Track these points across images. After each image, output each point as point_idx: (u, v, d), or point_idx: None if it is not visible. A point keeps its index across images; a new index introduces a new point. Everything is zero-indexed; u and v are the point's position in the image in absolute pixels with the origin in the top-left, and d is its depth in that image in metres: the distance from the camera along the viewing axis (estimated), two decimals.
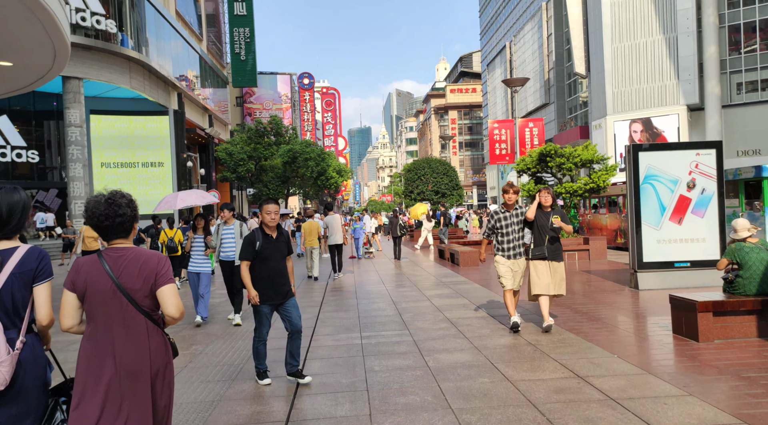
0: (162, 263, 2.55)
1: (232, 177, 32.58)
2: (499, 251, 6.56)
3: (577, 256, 13.49)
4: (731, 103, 48.81)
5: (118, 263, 2.49)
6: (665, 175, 8.29)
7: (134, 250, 2.56)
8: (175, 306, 2.51)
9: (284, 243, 4.91)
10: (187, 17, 39.29)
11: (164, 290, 2.51)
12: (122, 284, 2.46)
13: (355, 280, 12.07)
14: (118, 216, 2.53)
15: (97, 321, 2.47)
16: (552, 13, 66.22)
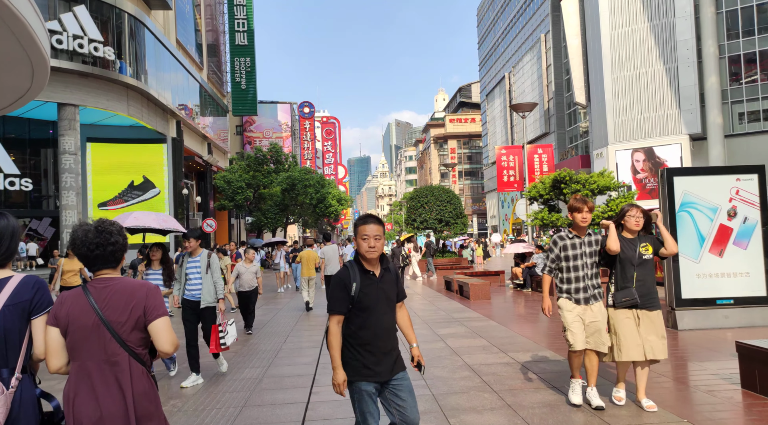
0: (152, 294, 2.37)
1: (229, 206, 31.83)
2: (565, 292, 4.95)
3: None
4: (733, 132, 48.64)
5: (104, 294, 2.32)
6: (703, 202, 7.51)
7: (121, 280, 2.38)
8: (169, 341, 2.33)
9: (393, 283, 3.25)
10: (188, 46, 39.19)
11: (156, 325, 2.32)
12: (106, 318, 2.27)
13: None
14: (110, 245, 2.39)
15: (79, 359, 2.28)
16: (551, 44, 66.78)
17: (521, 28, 77.38)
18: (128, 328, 2.30)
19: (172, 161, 33.13)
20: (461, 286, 13.86)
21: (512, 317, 10.03)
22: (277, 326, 9.98)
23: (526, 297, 12.99)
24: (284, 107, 57.99)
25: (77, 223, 2.48)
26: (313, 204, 33.67)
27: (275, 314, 11.63)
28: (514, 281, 14.51)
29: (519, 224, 78.30)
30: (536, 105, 15.81)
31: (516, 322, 9.37)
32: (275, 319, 10.87)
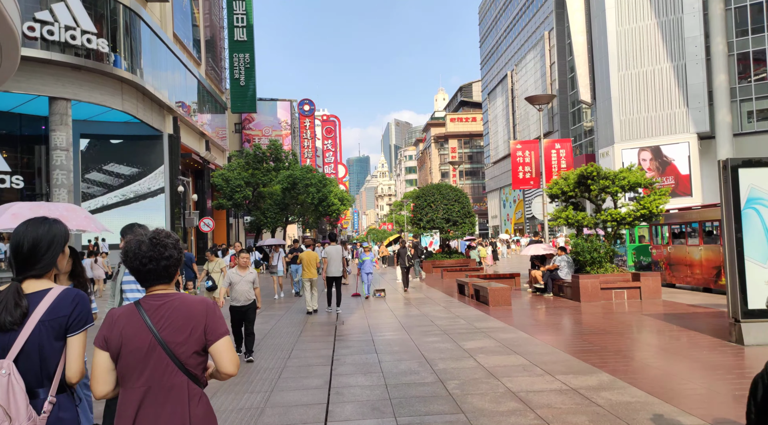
0: (211, 310, 2.17)
1: (228, 204, 30.76)
2: None
3: (626, 295, 11.57)
4: (742, 131, 47.70)
5: (160, 312, 2.12)
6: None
7: (178, 297, 2.19)
8: (234, 362, 2.15)
9: None
10: (186, 41, 38.14)
11: (219, 346, 2.13)
12: (164, 338, 2.08)
13: (368, 323, 10.09)
14: (164, 259, 2.20)
15: (132, 385, 2.08)
16: (555, 42, 65.79)
17: (524, 25, 76.39)
18: (188, 350, 2.12)
19: (169, 159, 32.07)
20: (477, 290, 12.81)
21: (542, 327, 8.99)
22: (279, 337, 8.93)
23: (549, 303, 11.96)
24: (284, 104, 56.93)
25: (132, 234, 2.27)
26: (314, 203, 32.61)
27: (276, 323, 10.57)
28: (535, 285, 13.47)
29: (521, 224, 77.32)
30: (554, 97, 14.81)
31: (549, 333, 8.32)
32: (276, 329, 9.82)
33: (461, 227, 23.36)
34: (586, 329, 8.55)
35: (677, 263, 14.11)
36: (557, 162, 16.12)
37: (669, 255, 14.45)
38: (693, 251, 13.39)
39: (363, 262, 15.26)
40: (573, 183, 12.26)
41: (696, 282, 13.49)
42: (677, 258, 14.10)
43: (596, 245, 11.72)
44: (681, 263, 13.94)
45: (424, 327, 9.22)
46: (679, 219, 14.06)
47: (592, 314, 10.05)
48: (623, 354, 6.68)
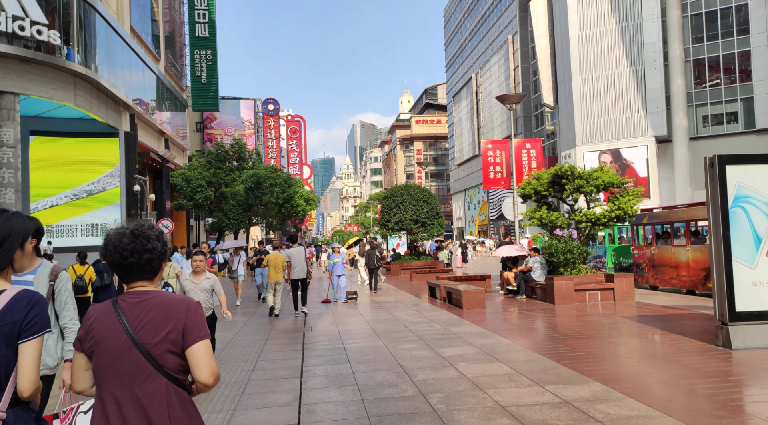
0: (193, 311, 2.01)
1: (188, 205, 29.64)
2: None
3: (599, 296, 11.41)
4: (698, 135, 49.26)
5: (137, 311, 1.97)
6: (762, 196, 6.30)
7: (158, 295, 2.03)
8: (209, 370, 1.95)
9: None
10: (144, 36, 36.72)
11: (195, 349, 1.95)
12: (140, 339, 1.93)
13: (338, 329, 9.56)
14: (146, 251, 2.04)
15: (107, 388, 1.95)
16: (519, 46, 66.63)
17: (489, 29, 77.17)
18: (164, 350, 1.95)
19: (125, 157, 30.70)
20: (450, 293, 12.44)
21: (521, 331, 8.65)
22: (242, 346, 8.31)
23: (523, 305, 11.69)
24: (247, 103, 55.67)
25: (112, 227, 2.16)
26: (279, 204, 31.77)
27: (238, 330, 9.91)
28: (507, 287, 13.20)
29: (486, 225, 77.95)
30: (524, 96, 14.61)
31: (529, 338, 7.98)
32: (239, 337, 9.17)
33: (430, 228, 23.05)
34: (566, 333, 8.26)
35: (662, 264, 13.55)
36: (527, 162, 15.91)
37: (653, 256, 13.90)
38: (679, 252, 12.86)
39: (334, 264, 14.35)
40: (546, 183, 12.04)
41: (682, 284, 12.93)
42: (662, 260, 13.55)
43: (570, 245, 11.52)
44: (666, 264, 13.38)
45: (398, 333, 8.75)
46: (664, 219, 13.49)
47: (569, 316, 9.81)
48: (610, 360, 6.38)
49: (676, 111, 49.14)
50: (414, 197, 23.06)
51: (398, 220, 22.87)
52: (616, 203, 11.31)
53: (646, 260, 14.10)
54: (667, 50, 49.61)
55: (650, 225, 13.95)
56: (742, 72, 48.06)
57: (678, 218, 12.95)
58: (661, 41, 49.75)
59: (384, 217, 23.43)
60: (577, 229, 12.31)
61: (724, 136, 47.76)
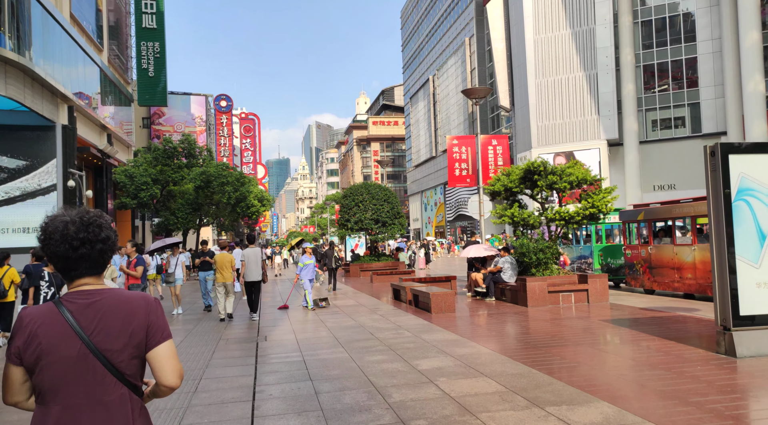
0: (154, 309, 1.83)
1: (132, 204, 27.75)
2: None
3: (573, 298, 10.85)
4: (647, 139, 50.62)
5: (91, 313, 1.75)
6: (767, 189, 5.75)
7: (112, 293, 1.82)
8: (175, 372, 1.80)
9: None
10: (85, 24, 34.44)
11: (160, 351, 1.79)
12: (97, 346, 1.73)
13: (297, 338, 8.54)
14: (100, 241, 1.83)
15: (56, 401, 1.72)
16: (476, 48, 66.94)
17: (446, 31, 77.36)
18: (126, 357, 1.76)
19: (63, 152, 28.53)
20: (416, 296, 11.62)
21: (500, 338, 7.88)
22: (184, 360, 7.21)
23: (494, 309, 10.99)
24: (198, 99, 53.47)
25: (49, 214, 1.85)
26: (231, 204, 30.23)
27: (181, 341, 8.75)
28: (475, 289, 12.49)
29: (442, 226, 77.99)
30: (491, 91, 13.99)
31: (511, 346, 7.21)
32: (181, 350, 8.01)
33: (390, 228, 22.24)
34: (550, 339, 7.55)
35: (661, 266, 12.10)
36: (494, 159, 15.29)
37: (650, 257, 12.42)
38: (683, 252, 11.45)
39: (304, 266, 12.79)
40: (517, 179, 11.41)
41: (686, 288, 11.52)
42: (661, 260, 12.09)
43: (542, 245, 10.92)
44: (666, 266, 11.96)
45: (365, 342, 7.83)
46: (665, 214, 11.96)
47: (547, 320, 9.15)
48: (608, 372, 5.67)
49: (627, 115, 50.34)
50: (374, 196, 22.21)
51: (358, 220, 21.95)
52: (590, 200, 10.78)
53: (641, 261, 12.78)
54: (618, 55, 50.80)
55: (646, 222, 12.61)
56: (689, 78, 49.65)
57: (682, 214, 11.58)
58: (613, 46, 50.91)
59: (343, 217, 22.45)
60: (548, 227, 11.74)
61: (672, 140, 49.22)
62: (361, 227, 22.06)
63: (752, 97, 40.53)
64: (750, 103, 40.73)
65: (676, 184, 48.88)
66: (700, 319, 8.68)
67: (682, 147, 48.15)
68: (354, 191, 22.70)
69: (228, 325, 10.55)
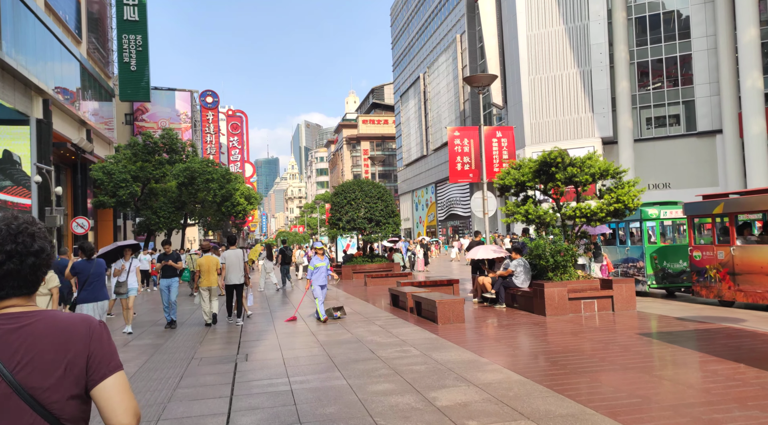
0: (98, 335, 1.49)
1: (110, 202, 26.20)
2: None
3: (596, 305, 9.65)
4: (642, 137, 49.88)
5: (15, 341, 1.42)
6: None
7: (44, 315, 1.48)
8: (128, 411, 1.45)
9: None
10: (62, 13, 32.78)
11: (108, 386, 1.45)
12: (22, 383, 1.39)
13: (282, 356, 7.23)
14: (32, 254, 1.51)
15: None
16: (467, 45, 65.91)
17: (436, 28, 76.28)
18: (62, 396, 1.41)
19: (37, 148, 26.93)
20: (419, 303, 10.35)
21: (528, 359, 6.53)
22: (143, 390, 5.85)
23: (509, 318, 9.75)
24: (183, 95, 51.83)
25: None
26: (216, 202, 28.75)
27: (144, 363, 7.35)
28: (484, 295, 11.24)
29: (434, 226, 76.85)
30: (496, 77, 12.81)
31: (546, 372, 5.88)
32: (142, 375, 6.62)
33: (384, 227, 20.97)
34: (588, 361, 6.27)
35: (750, 271, 9.65)
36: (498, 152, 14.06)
37: (731, 260, 10.00)
38: None
39: (315, 269, 10.77)
40: (531, 172, 10.18)
41: None
42: (750, 264, 9.63)
43: (561, 246, 9.69)
44: (758, 271, 9.54)
45: (365, 364, 6.54)
46: (756, 206, 9.52)
47: (574, 334, 7.90)
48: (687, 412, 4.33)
49: (621, 112, 49.59)
50: (367, 194, 20.93)
51: (350, 218, 20.65)
52: (614, 194, 9.56)
53: (717, 265, 10.38)
54: (612, 52, 50.03)
55: (729, 216, 10.17)
56: (684, 75, 48.96)
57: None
58: (607, 43, 50.14)
59: (334, 215, 21.13)
60: (563, 225, 10.53)
61: (666, 138, 48.51)
62: (354, 226, 20.76)
63: (750, 93, 39.82)
64: (748, 101, 40.01)
65: (671, 183, 48.20)
66: (756, 333, 7.49)
67: (677, 145, 47.46)
68: (346, 189, 21.40)
69: (204, 337, 9.21)
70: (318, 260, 10.85)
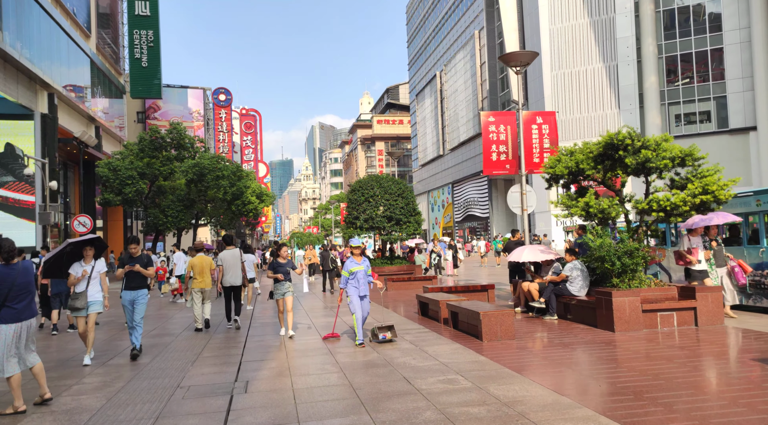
0: None
1: (115, 200, 24.89)
2: None
3: (675, 319, 7.91)
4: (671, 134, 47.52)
5: None
6: None
7: None
8: None
9: None
10: (70, 6, 31.72)
11: None
12: None
13: (292, 387, 5.62)
14: None
15: None
16: (485, 41, 64.07)
17: (454, 24, 74.52)
18: None
19: (42, 144, 25.77)
20: (455, 313, 8.68)
21: (625, 396, 4.78)
22: None
23: (564, 332, 8.04)
24: (196, 92, 50.76)
25: None
26: (227, 200, 27.33)
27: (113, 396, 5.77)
28: (531, 304, 9.52)
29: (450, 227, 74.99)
30: (536, 54, 11.10)
31: (665, 421, 4.20)
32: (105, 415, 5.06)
33: (406, 226, 19.32)
34: (722, 405, 4.50)
35: None
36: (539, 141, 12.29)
37: None
38: None
39: (352, 275, 8.21)
40: (590, 159, 8.44)
41: None
42: None
43: (630, 246, 7.93)
44: None
45: (402, 401, 4.88)
46: None
47: (670, 359, 6.05)
48: None
49: (649, 109, 47.50)
50: (387, 190, 19.32)
51: (368, 217, 19.03)
52: (700, 182, 7.75)
53: None
54: (640, 46, 47.95)
55: None
56: (715, 70, 46.66)
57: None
58: (634, 37, 48.12)
59: (351, 214, 19.53)
60: (627, 222, 8.78)
61: (696, 135, 46.25)
62: (372, 225, 19.13)
63: None
64: None
65: None
66: None
67: (708, 143, 45.14)
68: (364, 185, 19.79)
69: (198, 355, 7.63)
70: (354, 264, 8.23)
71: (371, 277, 8.31)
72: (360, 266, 8.22)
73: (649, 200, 8.05)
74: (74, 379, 6.40)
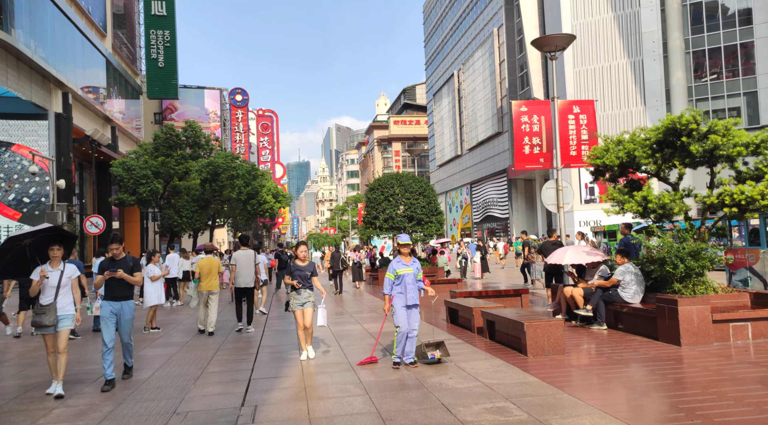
0: None
1: (130, 200, 24.32)
2: None
3: (750, 331, 6.82)
4: None
5: None
6: None
7: None
8: None
9: None
10: (85, 5, 31.40)
11: None
12: None
13: (309, 415, 4.70)
14: None
15: None
16: (504, 39, 62.79)
17: (472, 22, 73.32)
18: None
19: (56, 143, 25.34)
20: (491, 322, 7.69)
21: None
22: None
23: (620, 344, 6.99)
24: (213, 93, 50.39)
25: None
26: (242, 200, 26.63)
27: None
28: (577, 312, 8.49)
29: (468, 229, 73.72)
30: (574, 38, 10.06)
31: None
32: None
33: (427, 227, 18.35)
34: None
35: None
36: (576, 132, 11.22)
37: None
38: None
39: (398, 278, 6.59)
40: (648, 147, 7.39)
41: None
42: None
43: (697, 246, 6.85)
44: None
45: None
46: None
47: (764, 383, 5.05)
48: None
49: (676, 105, 45.85)
50: (407, 189, 18.36)
51: (388, 217, 18.08)
52: None
53: None
54: (666, 40, 46.36)
55: None
56: (745, 65, 44.89)
57: None
58: (660, 31, 46.53)
59: (370, 214, 18.60)
60: (686, 218, 7.71)
61: None
62: (392, 225, 18.18)
63: None
64: None
65: None
66: None
67: None
68: (383, 183, 18.86)
69: (204, 369, 6.76)
70: (402, 265, 6.59)
71: (422, 282, 6.74)
72: (409, 268, 6.56)
73: (719, 194, 6.97)
74: (57, 400, 5.53)
